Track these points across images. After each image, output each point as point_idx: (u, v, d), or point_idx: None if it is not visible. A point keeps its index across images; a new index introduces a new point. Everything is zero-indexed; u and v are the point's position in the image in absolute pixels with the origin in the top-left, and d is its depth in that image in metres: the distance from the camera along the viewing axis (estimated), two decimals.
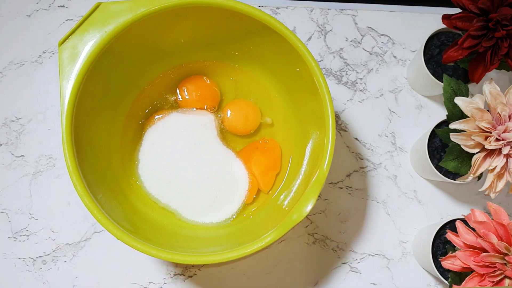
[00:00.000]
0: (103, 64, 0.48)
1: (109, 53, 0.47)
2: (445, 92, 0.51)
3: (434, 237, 0.53)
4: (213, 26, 0.52)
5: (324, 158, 0.46)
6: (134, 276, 0.57)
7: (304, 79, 0.50)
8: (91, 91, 0.48)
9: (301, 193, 0.48)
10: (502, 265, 0.42)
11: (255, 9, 0.47)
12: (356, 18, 0.64)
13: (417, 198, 0.60)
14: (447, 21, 0.49)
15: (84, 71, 0.46)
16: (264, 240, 0.45)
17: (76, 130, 0.46)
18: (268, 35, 0.49)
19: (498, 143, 0.46)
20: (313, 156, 0.53)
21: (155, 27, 0.49)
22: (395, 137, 0.62)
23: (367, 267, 0.58)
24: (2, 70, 0.62)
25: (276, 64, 0.55)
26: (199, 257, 0.45)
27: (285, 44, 0.48)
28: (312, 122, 0.53)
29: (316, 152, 0.51)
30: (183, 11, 0.48)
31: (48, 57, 0.62)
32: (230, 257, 0.44)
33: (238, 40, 0.54)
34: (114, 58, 0.49)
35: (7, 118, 0.61)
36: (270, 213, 0.54)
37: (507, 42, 0.47)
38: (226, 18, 0.49)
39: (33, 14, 0.63)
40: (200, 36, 0.55)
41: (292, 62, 0.50)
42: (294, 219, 0.44)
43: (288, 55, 0.49)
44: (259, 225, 0.53)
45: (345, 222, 0.59)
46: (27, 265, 0.57)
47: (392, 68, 0.63)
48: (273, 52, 0.53)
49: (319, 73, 0.47)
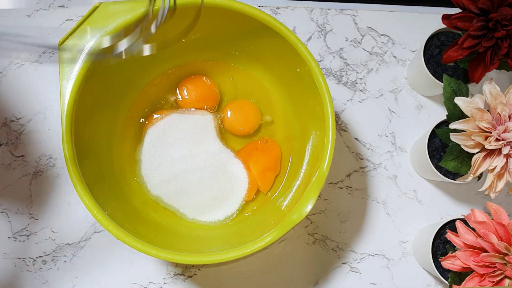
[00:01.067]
0: (103, 64, 0.48)
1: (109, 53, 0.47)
2: (445, 92, 0.51)
3: (434, 237, 0.53)
4: (214, 26, 0.52)
5: (324, 158, 0.46)
6: (134, 276, 0.57)
7: (304, 79, 0.50)
8: (91, 91, 0.48)
9: (301, 193, 0.48)
10: (502, 265, 0.42)
11: (255, 9, 0.47)
12: (356, 18, 0.64)
13: (417, 198, 0.60)
14: (447, 21, 0.49)
15: (84, 71, 0.46)
16: (264, 240, 0.45)
17: (76, 130, 0.46)
18: (269, 35, 0.49)
19: (498, 143, 0.46)
20: (313, 156, 0.53)
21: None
22: (395, 137, 0.62)
23: (367, 267, 0.58)
24: (2, 70, 0.62)
25: (276, 64, 0.55)
26: (199, 257, 0.45)
27: (285, 44, 0.48)
28: (312, 122, 0.53)
29: (316, 152, 0.51)
30: (183, 11, 0.48)
31: (48, 57, 0.62)
32: (230, 257, 0.44)
33: (239, 40, 0.54)
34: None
35: (7, 118, 0.61)
36: (270, 213, 0.54)
37: (507, 42, 0.47)
38: (226, 18, 0.49)
39: (33, 14, 0.63)
40: (201, 36, 0.55)
41: (292, 62, 0.50)
42: (294, 219, 0.44)
43: (288, 55, 0.49)
44: (259, 225, 0.53)
45: (345, 222, 0.59)
46: (27, 265, 0.57)
47: (392, 68, 0.63)
48: (273, 52, 0.53)
49: (319, 73, 0.47)
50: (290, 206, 0.51)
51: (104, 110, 0.53)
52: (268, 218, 0.53)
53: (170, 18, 0.37)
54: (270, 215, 0.54)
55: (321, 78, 0.47)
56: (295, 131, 0.57)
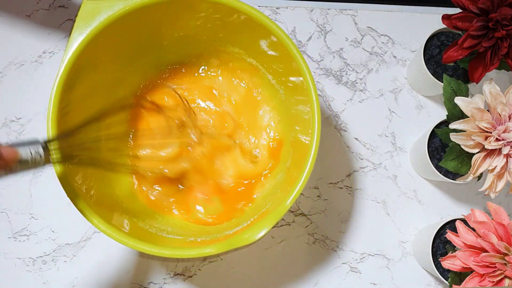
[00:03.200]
0: (119, 29, 0.48)
1: (131, 19, 0.47)
2: (445, 92, 0.51)
3: (434, 237, 0.53)
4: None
5: (291, 194, 0.45)
6: (134, 276, 0.57)
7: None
8: (97, 55, 0.48)
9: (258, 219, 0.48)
10: (502, 265, 0.42)
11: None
12: (356, 18, 0.64)
13: (417, 198, 0.60)
14: (447, 21, 0.49)
15: (98, 30, 0.46)
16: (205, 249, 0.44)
17: (69, 86, 0.46)
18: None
19: (498, 143, 0.46)
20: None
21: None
22: (395, 137, 0.62)
23: (367, 267, 0.58)
24: (2, 70, 0.62)
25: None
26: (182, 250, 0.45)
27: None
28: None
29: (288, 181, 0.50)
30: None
31: (48, 57, 0.62)
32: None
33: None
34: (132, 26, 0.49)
35: (7, 118, 0.61)
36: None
37: (507, 42, 0.47)
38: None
39: (33, 14, 0.63)
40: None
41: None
42: (245, 238, 0.44)
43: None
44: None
45: (345, 222, 0.59)
46: (27, 265, 0.57)
47: (392, 68, 0.63)
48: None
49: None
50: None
51: (103, 86, 0.53)
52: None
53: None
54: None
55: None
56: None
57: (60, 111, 0.45)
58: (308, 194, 0.60)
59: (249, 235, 0.43)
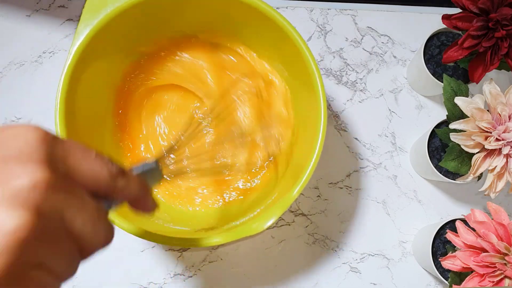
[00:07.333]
0: (126, 20, 0.48)
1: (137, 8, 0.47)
2: (445, 92, 0.51)
3: (434, 237, 0.53)
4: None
5: (298, 183, 0.46)
6: (134, 276, 0.57)
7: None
8: (101, 48, 0.48)
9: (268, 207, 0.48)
10: (502, 265, 0.42)
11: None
12: (356, 18, 0.64)
13: (417, 198, 0.60)
14: (447, 21, 0.49)
15: (105, 22, 0.46)
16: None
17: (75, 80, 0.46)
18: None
19: (498, 143, 0.46)
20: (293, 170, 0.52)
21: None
22: (395, 137, 0.62)
23: (367, 267, 0.58)
24: (2, 70, 0.62)
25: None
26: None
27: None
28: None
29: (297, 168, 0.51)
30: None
31: (48, 57, 0.62)
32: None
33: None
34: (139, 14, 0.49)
35: (7, 118, 0.61)
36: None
37: (507, 42, 0.47)
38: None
39: (33, 14, 0.63)
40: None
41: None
42: (253, 228, 0.44)
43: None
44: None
45: (345, 222, 0.59)
46: None
47: (392, 68, 0.63)
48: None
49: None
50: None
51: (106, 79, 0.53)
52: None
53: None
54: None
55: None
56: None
57: (68, 104, 0.45)
58: (308, 194, 0.60)
59: (257, 224, 0.44)
